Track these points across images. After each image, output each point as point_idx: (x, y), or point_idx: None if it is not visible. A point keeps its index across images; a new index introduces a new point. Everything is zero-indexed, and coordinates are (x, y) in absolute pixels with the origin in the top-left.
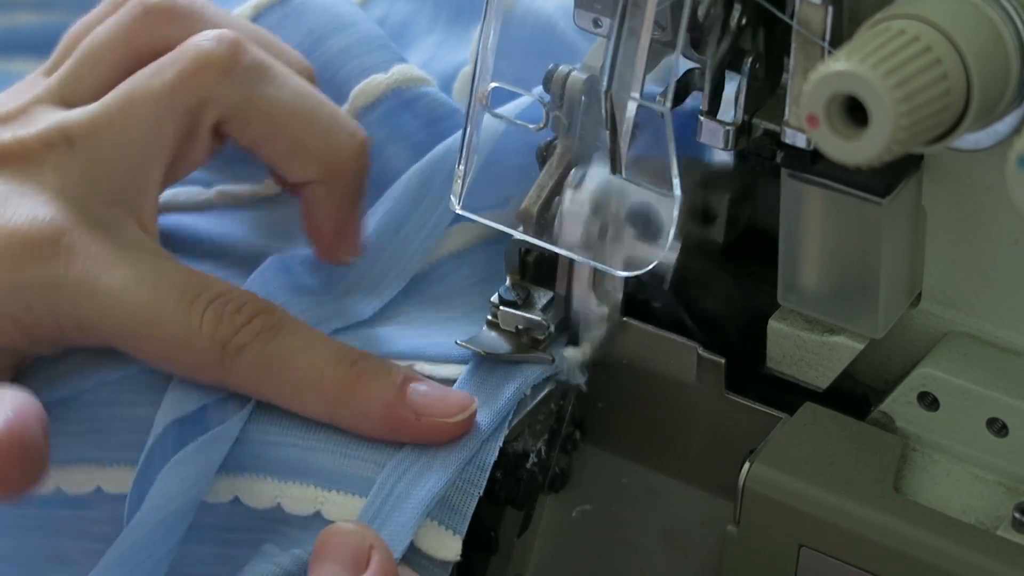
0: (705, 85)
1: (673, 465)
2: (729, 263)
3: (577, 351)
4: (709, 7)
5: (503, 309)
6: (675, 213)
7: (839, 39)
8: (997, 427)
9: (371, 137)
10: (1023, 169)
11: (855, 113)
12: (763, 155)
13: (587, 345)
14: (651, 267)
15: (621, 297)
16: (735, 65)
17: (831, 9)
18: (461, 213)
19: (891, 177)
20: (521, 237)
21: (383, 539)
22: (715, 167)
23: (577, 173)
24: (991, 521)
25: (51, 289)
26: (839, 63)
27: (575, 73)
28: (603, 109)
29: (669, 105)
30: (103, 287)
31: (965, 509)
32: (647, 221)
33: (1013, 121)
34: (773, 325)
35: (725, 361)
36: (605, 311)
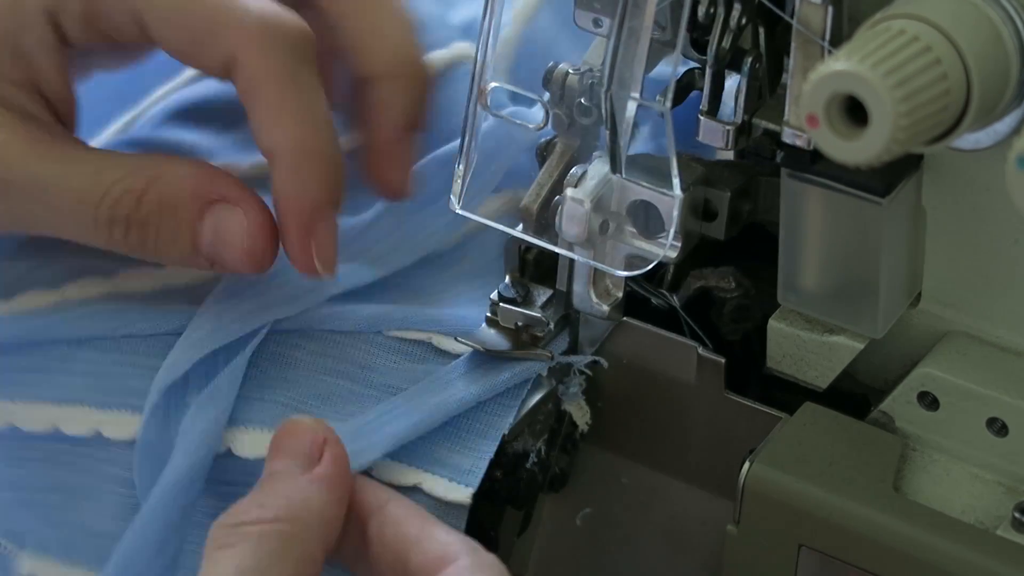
0: (705, 85)
1: (673, 465)
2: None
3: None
4: (709, 7)
5: (503, 306)
6: (675, 212)
7: (839, 39)
8: (997, 427)
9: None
10: (1023, 169)
11: (855, 113)
12: (763, 155)
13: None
14: (651, 267)
15: (621, 295)
16: (735, 65)
17: (831, 9)
18: (461, 213)
19: (891, 177)
20: (521, 235)
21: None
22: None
23: (578, 170)
24: (991, 521)
25: None
26: (839, 63)
27: (575, 72)
28: (603, 109)
29: (669, 105)
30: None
31: (965, 509)
32: (648, 217)
33: (1013, 121)
34: (773, 325)
35: (725, 361)
36: (606, 309)
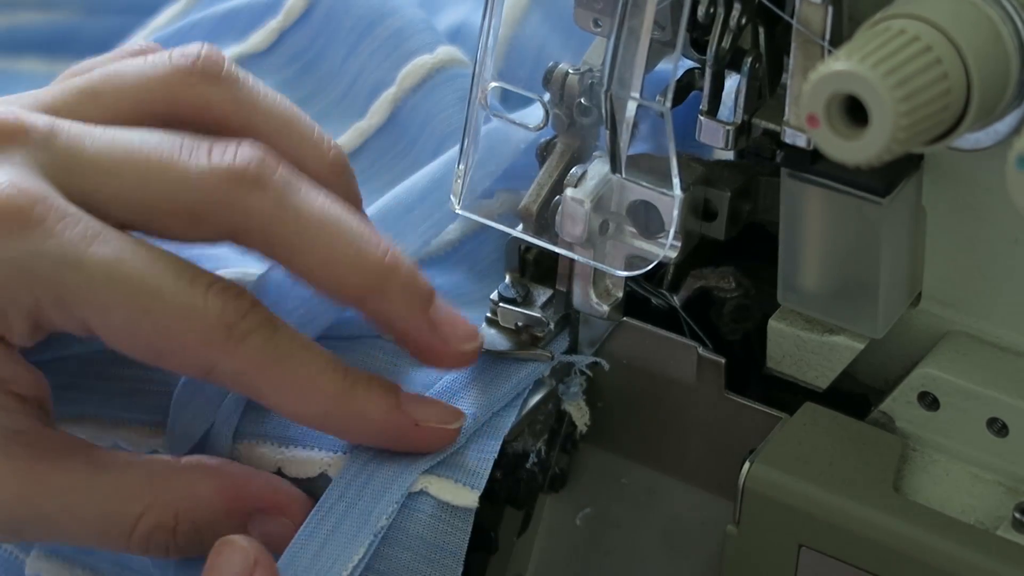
0: (705, 85)
1: (673, 465)
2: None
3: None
4: (709, 7)
5: (502, 306)
6: (676, 212)
7: (839, 39)
8: (997, 427)
9: (416, 112)
10: (1023, 169)
11: (855, 113)
12: (763, 155)
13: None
14: (651, 267)
15: (621, 295)
16: (735, 65)
17: (831, 9)
18: (461, 213)
19: (891, 177)
20: (521, 235)
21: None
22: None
23: (578, 170)
24: (991, 521)
25: (28, 261)
26: (839, 63)
27: (574, 72)
28: (603, 109)
29: (669, 105)
30: (91, 258)
31: (965, 509)
32: (648, 217)
33: (1013, 121)
34: (773, 325)
35: (725, 361)
36: (606, 309)
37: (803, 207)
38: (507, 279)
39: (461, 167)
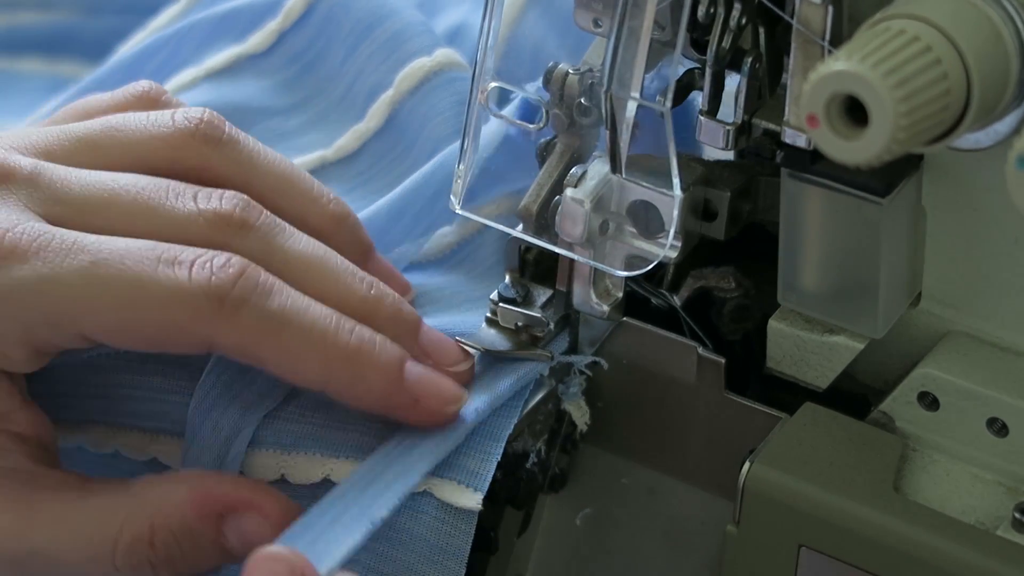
0: (705, 85)
1: (673, 465)
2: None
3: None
4: (709, 7)
5: (502, 306)
6: (676, 212)
7: (839, 39)
8: (997, 427)
9: (413, 115)
10: (1023, 169)
11: (855, 113)
12: (763, 155)
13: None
14: (651, 267)
15: (621, 295)
16: (735, 65)
17: (831, 9)
18: (461, 213)
19: (891, 177)
20: (521, 235)
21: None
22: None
23: (578, 170)
24: (991, 521)
25: (12, 292)
26: (839, 63)
27: (574, 72)
28: (603, 109)
29: (669, 105)
30: (68, 271)
31: (965, 509)
32: (648, 217)
33: (1013, 121)
34: (773, 325)
35: (725, 361)
36: (606, 309)
37: (803, 207)
38: (507, 279)
39: (461, 167)
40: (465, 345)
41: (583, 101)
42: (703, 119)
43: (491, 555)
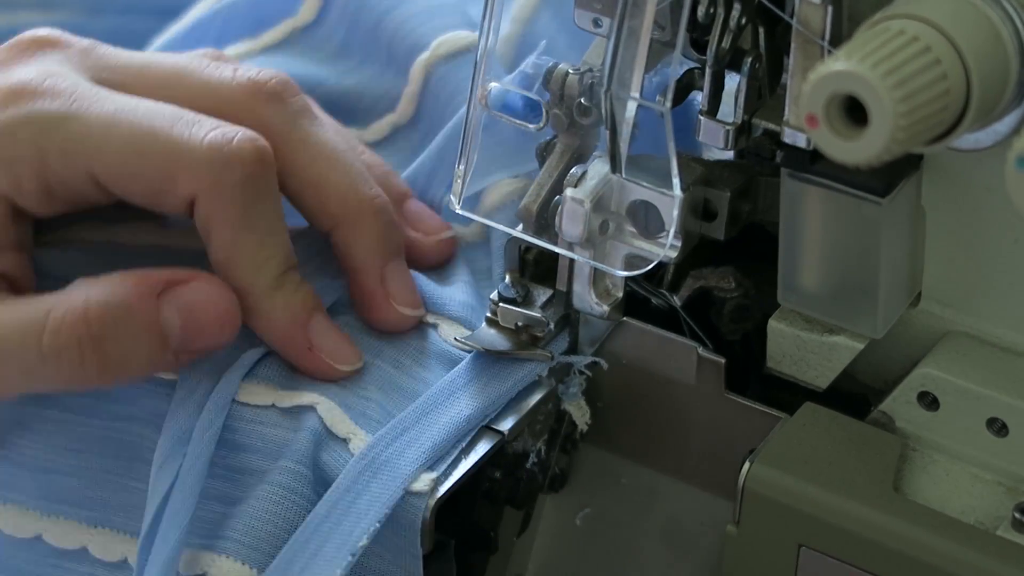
0: (705, 85)
1: (673, 465)
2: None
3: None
4: (709, 7)
5: (503, 306)
6: (675, 212)
7: (839, 39)
8: (997, 427)
9: (446, 86)
10: (1022, 169)
11: (855, 113)
12: (763, 155)
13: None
14: (651, 266)
15: (621, 295)
16: (735, 65)
17: (831, 9)
18: (461, 212)
19: (891, 177)
20: (521, 235)
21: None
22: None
23: (578, 170)
24: (991, 521)
25: (37, 117)
26: (839, 63)
27: (574, 72)
28: (603, 109)
29: (669, 105)
30: (94, 111)
31: (965, 509)
32: (648, 217)
33: (1013, 121)
34: (773, 325)
35: (725, 361)
36: (606, 309)
37: (803, 207)
38: (507, 279)
39: (461, 167)
40: (465, 345)
41: (583, 101)
42: (703, 119)
43: (491, 555)
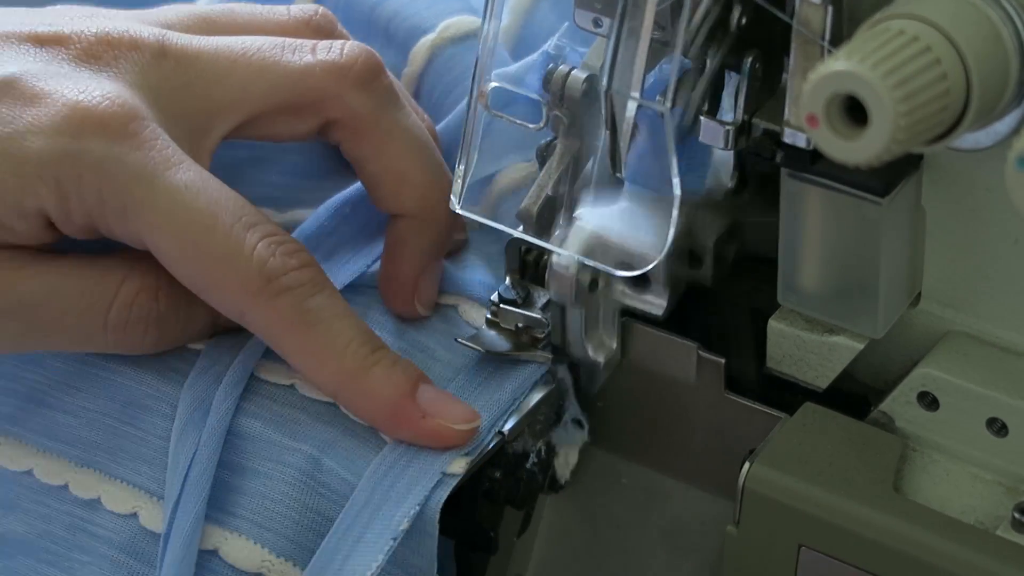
0: (705, 85)
1: (673, 465)
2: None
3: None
4: (709, 7)
5: (503, 307)
6: (675, 213)
7: (839, 39)
8: (997, 427)
9: (451, 69)
10: (1022, 169)
11: (855, 113)
12: (763, 155)
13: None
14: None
15: (615, 345)
16: (735, 65)
17: (831, 9)
18: (461, 212)
19: (891, 177)
20: (521, 236)
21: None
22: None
23: (563, 232)
24: (991, 521)
25: (109, 165)
26: (839, 63)
27: (575, 72)
28: (603, 109)
29: (669, 105)
30: (163, 182)
31: (965, 509)
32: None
33: (1013, 121)
34: (773, 325)
35: (725, 361)
36: (601, 360)
37: (803, 207)
38: (507, 280)
39: (461, 167)
40: (465, 345)
41: (583, 102)
42: (703, 119)
43: (491, 555)
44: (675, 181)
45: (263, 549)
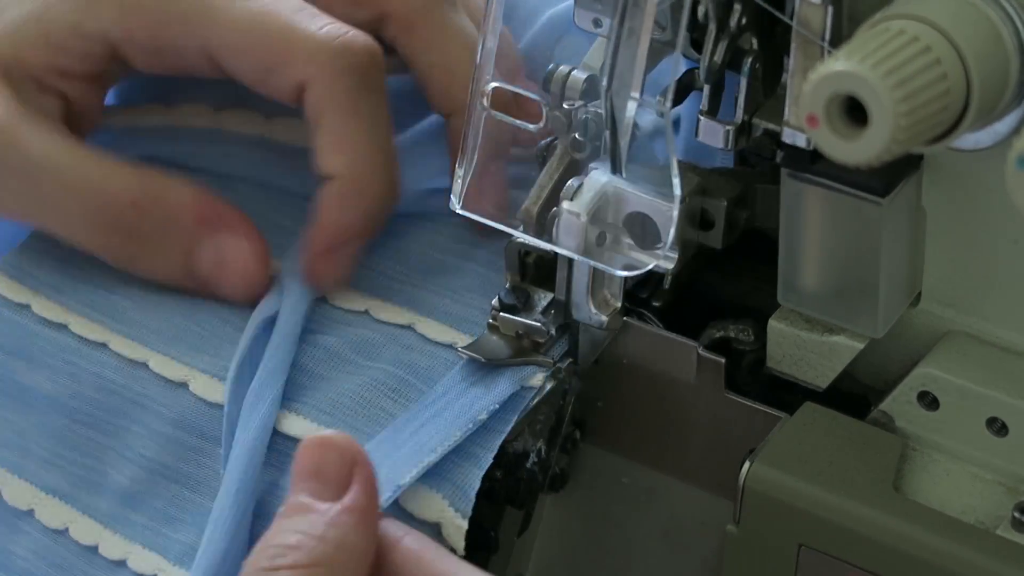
0: (705, 85)
1: (673, 465)
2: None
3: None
4: (709, 7)
5: (502, 315)
6: (675, 213)
7: (839, 39)
8: (997, 427)
9: None
10: (1023, 169)
11: (855, 113)
12: (763, 155)
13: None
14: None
15: (620, 305)
16: (735, 65)
17: (831, 9)
18: (461, 212)
19: (891, 177)
20: (521, 237)
21: (367, 456)
22: (712, 171)
23: (575, 182)
24: (991, 521)
25: None
26: (839, 63)
27: (575, 73)
28: (603, 109)
29: (669, 105)
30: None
31: (965, 509)
32: (646, 227)
33: (1013, 121)
34: (773, 325)
35: (725, 361)
36: (604, 319)
37: (803, 207)
38: (507, 284)
39: (461, 168)
40: (466, 354)
41: (577, 136)
42: (703, 119)
43: (491, 555)
44: (675, 181)
45: (316, 426)
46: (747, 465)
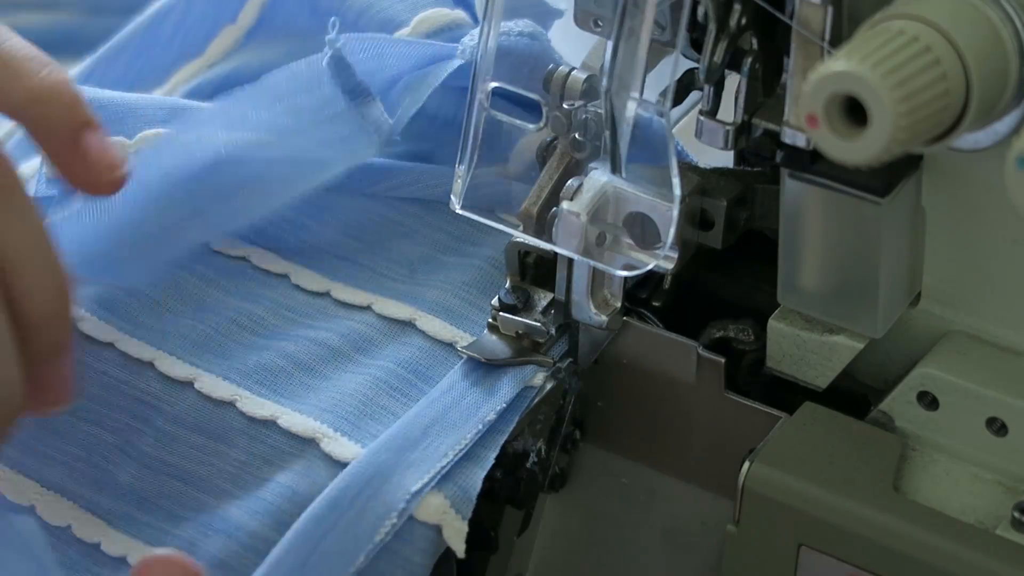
0: (705, 85)
1: (673, 465)
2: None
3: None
4: (708, 7)
5: (502, 315)
6: (675, 213)
7: (839, 39)
8: (996, 426)
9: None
10: (1022, 169)
11: (855, 113)
12: (763, 155)
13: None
14: (649, 268)
15: (620, 305)
16: (735, 65)
17: (831, 9)
18: (461, 212)
19: (891, 177)
20: (521, 237)
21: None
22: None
23: (574, 182)
24: (991, 521)
25: None
26: (839, 63)
27: (575, 73)
28: (603, 109)
29: (669, 105)
30: None
31: (965, 509)
32: (645, 227)
33: (1012, 121)
34: (773, 325)
35: (725, 361)
36: (604, 319)
37: (803, 207)
38: (507, 284)
39: (461, 167)
40: (466, 354)
41: (578, 136)
42: (703, 119)
43: (491, 554)
44: (675, 181)
45: (320, 424)
46: (747, 465)
